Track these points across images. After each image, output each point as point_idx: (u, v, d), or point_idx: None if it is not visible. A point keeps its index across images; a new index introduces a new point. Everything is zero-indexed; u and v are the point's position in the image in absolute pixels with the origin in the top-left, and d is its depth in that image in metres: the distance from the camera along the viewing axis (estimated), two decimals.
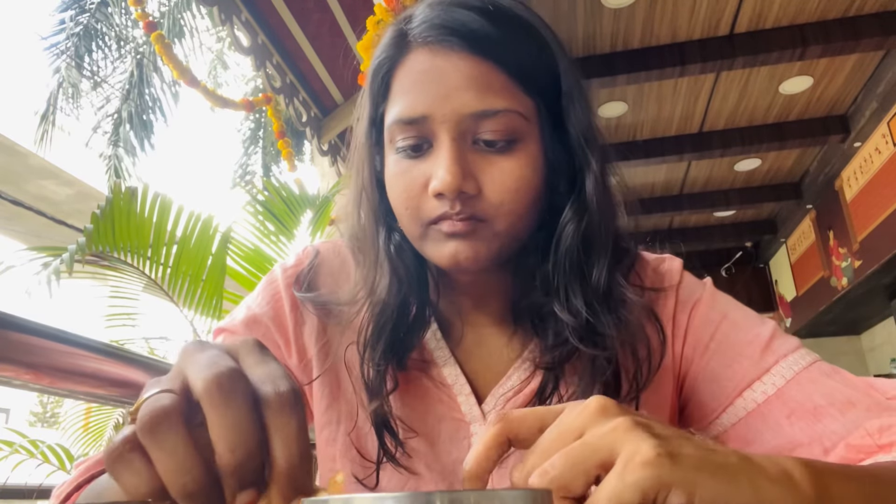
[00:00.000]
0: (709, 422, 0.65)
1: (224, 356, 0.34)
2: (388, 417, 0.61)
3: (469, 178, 0.56)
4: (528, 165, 0.57)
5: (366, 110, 0.64)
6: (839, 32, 3.44)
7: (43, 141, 6.56)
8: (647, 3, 3.31)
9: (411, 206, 0.58)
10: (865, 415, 0.56)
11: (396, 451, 0.62)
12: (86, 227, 2.32)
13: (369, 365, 0.62)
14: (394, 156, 0.60)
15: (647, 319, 0.64)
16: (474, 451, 0.38)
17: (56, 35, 6.72)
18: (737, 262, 6.45)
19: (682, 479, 0.32)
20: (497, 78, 0.57)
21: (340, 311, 0.66)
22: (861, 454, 0.53)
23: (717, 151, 4.54)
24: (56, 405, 13.66)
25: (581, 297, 0.59)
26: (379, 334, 0.62)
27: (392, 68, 0.61)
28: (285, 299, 0.68)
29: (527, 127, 0.58)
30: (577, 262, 0.59)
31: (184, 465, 0.30)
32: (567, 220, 0.60)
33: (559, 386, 0.61)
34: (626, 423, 0.34)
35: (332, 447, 0.66)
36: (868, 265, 4.51)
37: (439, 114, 0.56)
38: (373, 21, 2.44)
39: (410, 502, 0.25)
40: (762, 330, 0.64)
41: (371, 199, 0.64)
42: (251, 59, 3.64)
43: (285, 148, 4.40)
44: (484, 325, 0.67)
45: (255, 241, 2.73)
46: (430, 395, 0.64)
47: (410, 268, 0.62)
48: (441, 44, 0.57)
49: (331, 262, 0.71)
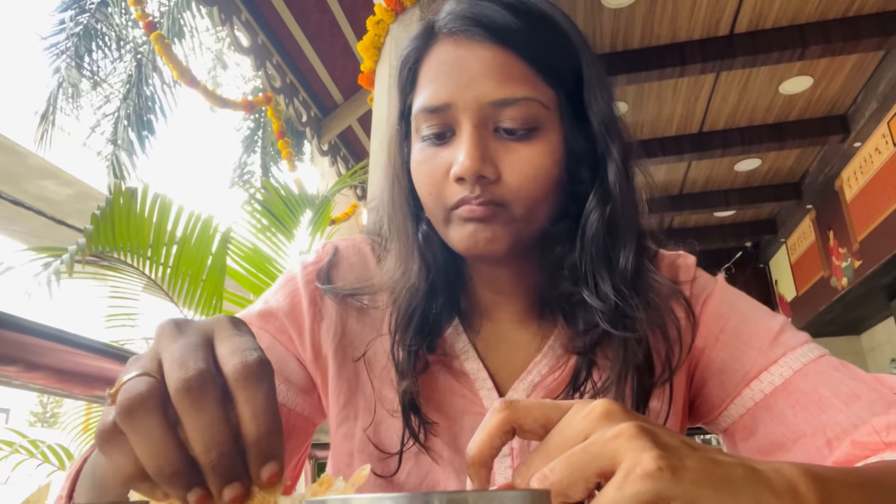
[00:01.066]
0: (718, 413, 0.65)
1: (197, 346, 0.35)
2: (417, 398, 0.62)
3: (488, 164, 0.57)
4: (547, 153, 0.58)
5: (396, 102, 0.66)
6: (839, 32, 3.45)
7: (43, 141, 6.56)
8: (647, 3, 3.31)
9: (434, 192, 0.60)
10: (870, 408, 0.56)
11: (420, 434, 0.62)
12: (86, 227, 2.32)
13: (399, 347, 0.63)
14: (419, 144, 0.62)
15: (676, 301, 0.65)
16: (478, 437, 0.38)
17: (56, 35, 6.72)
18: (737, 262, 6.45)
19: (682, 493, 0.31)
20: (518, 67, 0.58)
21: (362, 304, 0.67)
22: (867, 451, 0.53)
23: (717, 151, 4.55)
24: (56, 405, 13.67)
25: (609, 282, 0.60)
26: (410, 317, 0.63)
27: (419, 59, 0.63)
28: (304, 295, 0.68)
29: (547, 116, 0.59)
30: (604, 249, 0.60)
31: (158, 449, 0.32)
32: (591, 208, 0.61)
33: (592, 372, 0.62)
34: (631, 429, 0.34)
35: (350, 443, 0.66)
36: (868, 265, 4.51)
37: (461, 101, 0.58)
38: (373, 21, 2.44)
39: (408, 502, 0.25)
40: (772, 323, 0.65)
41: (403, 188, 0.65)
42: (251, 59, 3.64)
43: (285, 148, 4.40)
44: (506, 319, 0.68)
45: (254, 241, 2.73)
46: (452, 388, 0.65)
47: (439, 256, 0.64)
48: (465, 34, 0.59)
49: (350, 257, 0.71)
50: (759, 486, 0.34)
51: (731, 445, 0.66)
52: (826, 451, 0.56)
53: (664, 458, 0.32)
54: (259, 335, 0.65)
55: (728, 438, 0.66)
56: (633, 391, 0.60)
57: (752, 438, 0.62)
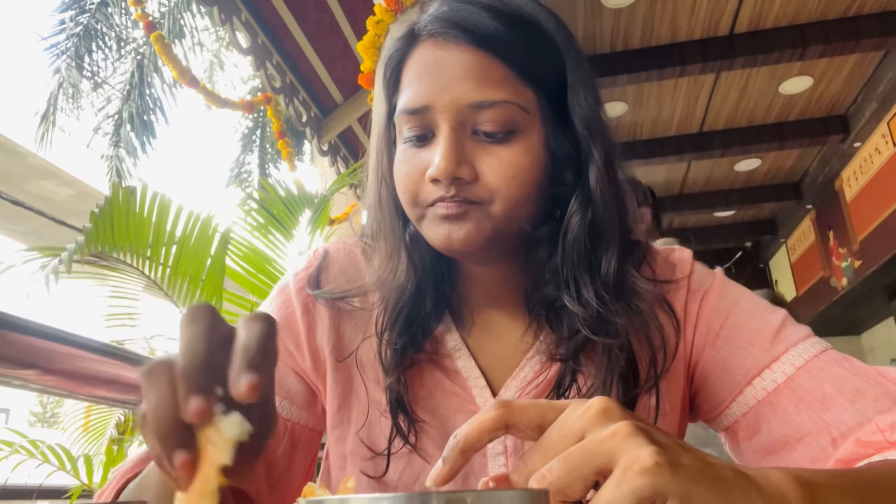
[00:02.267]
0: (720, 411, 0.65)
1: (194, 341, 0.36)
2: (404, 395, 0.62)
3: (464, 165, 0.57)
4: (526, 154, 0.58)
5: (381, 103, 0.67)
6: (839, 32, 3.45)
7: (43, 141, 6.56)
8: (647, 3, 3.31)
9: (410, 191, 0.60)
10: (875, 405, 0.56)
11: (409, 434, 0.62)
12: (84, 226, 2.32)
13: (386, 346, 0.63)
14: (402, 145, 0.62)
15: (660, 307, 0.64)
16: (467, 427, 0.38)
17: (56, 35, 6.72)
18: (737, 262, 6.42)
19: (678, 489, 0.32)
20: (497, 70, 0.58)
21: (353, 306, 0.67)
22: (871, 449, 0.53)
23: (717, 151, 4.55)
24: (56, 405, 13.67)
25: (591, 288, 0.60)
26: (397, 316, 0.63)
27: (402, 61, 0.64)
28: (297, 305, 0.68)
29: (526, 118, 0.59)
30: (585, 253, 0.60)
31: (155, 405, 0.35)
32: (573, 212, 0.60)
33: (577, 378, 0.61)
34: (627, 428, 0.34)
35: (343, 446, 0.66)
36: (868, 265, 4.51)
37: (439, 104, 0.58)
38: (373, 21, 2.44)
39: (407, 502, 0.25)
40: (772, 318, 0.64)
41: (389, 189, 0.65)
42: (251, 59, 3.64)
43: (285, 148, 4.40)
44: (497, 317, 0.68)
45: (253, 241, 2.73)
46: (445, 387, 0.65)
47: (426, 257, 0.64)
48: (444, 36, 0.60)
49: (341, 260, 0.72)
50: (749, 489, 0.34)
51: (735, 444, 0.66)
52: (831, 449, 0.56)
53: (661, 454, 0.33)
54: None
55: (731, 437, 0.66)
56: (619, 398, 0.60)
57: (755, 437, 0.62)
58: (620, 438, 0.34)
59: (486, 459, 0.63)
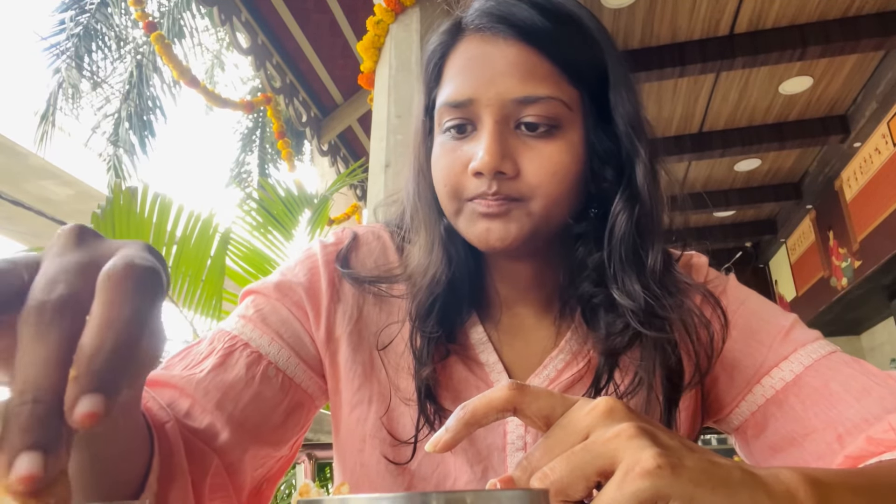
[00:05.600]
0: (730, 411, 0.66)
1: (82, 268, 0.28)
2: (434, 386, 0.62)
3: (507, 160, 0.57)
4: (567, 151, 0.58)
5: (421, 97, 0.67)
6: (839, 32, 3.45)
7: (43, 141, 6.56)
8: (647, 3, 3.31)
9: (450, 184, 0.60)
10: (881, 403, 0.56)
11: (435, 422, 0.62)
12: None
13: (419, 335, 0.63)
14: (440, 137, 0.62)
15: (706, 303, 0.65)
16: (476, 401, 0.38)
17: (56, 35, 6.72)
18: (737, 262, 6.45)
19: (680, 491, 0.32)
20: (543, 66, 0.58)
21: (380, 291, 0.67)
22: (881, 448, 0.53)
23: (717, 151, 4.55)
24: None
25: (638, 283, 0.60)
26: (431, 306, 0.62)
27: (445, 54, 0.63)
28: (323, 274, 0.67)
29: (569, 115, 0.59)
30: (633, 250, 0.60)
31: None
32: (619, 210, 0.60)
33: (614, 375, 0.61)
34: (631, 429, 0.34)
35: (363, 427, 0.66)
36: (868, 265, 4.51)
37: (484, 98, 0.58)
38: (373, 21, 2.44)
39: (407, 502, 0.25)
40: (782, 320, 0.65)
41: (427, 181, 0.65)
42: (251, 59, 3.64)
43: (285, 148, 4.40)
44: (524, 313, 0.68)
45: (253, 241, 2.73)
46: (467, 380, 0.65)
47: (460, 248, 0.64)
48: (491, 31, 0.60)
49: (369, 243, 0.71)
50: (757, 490, 0.34)
51: (743, 443, 0.66)
52: (837, 445, 0.56)
53: (663, 456, 0.32)
54: (276, 308, 0.64)
55: (740, 437, 0.67)
56: (665, 395, 0.60)
57: (762, 435, 0.62)
58: (623, 440, 0.34)
59: (506, 455, 0.63)
